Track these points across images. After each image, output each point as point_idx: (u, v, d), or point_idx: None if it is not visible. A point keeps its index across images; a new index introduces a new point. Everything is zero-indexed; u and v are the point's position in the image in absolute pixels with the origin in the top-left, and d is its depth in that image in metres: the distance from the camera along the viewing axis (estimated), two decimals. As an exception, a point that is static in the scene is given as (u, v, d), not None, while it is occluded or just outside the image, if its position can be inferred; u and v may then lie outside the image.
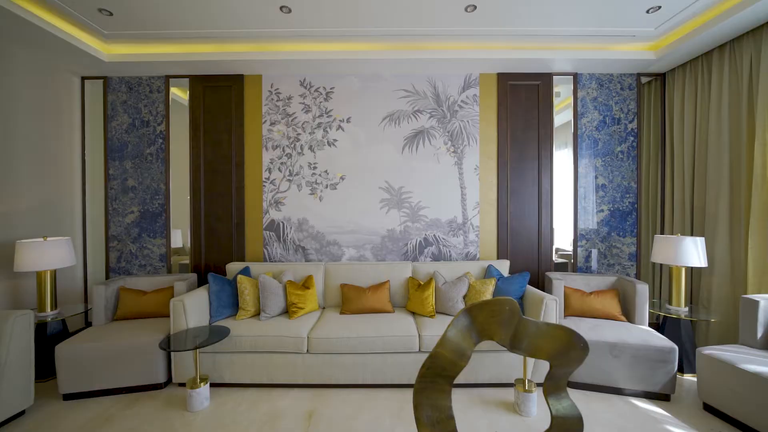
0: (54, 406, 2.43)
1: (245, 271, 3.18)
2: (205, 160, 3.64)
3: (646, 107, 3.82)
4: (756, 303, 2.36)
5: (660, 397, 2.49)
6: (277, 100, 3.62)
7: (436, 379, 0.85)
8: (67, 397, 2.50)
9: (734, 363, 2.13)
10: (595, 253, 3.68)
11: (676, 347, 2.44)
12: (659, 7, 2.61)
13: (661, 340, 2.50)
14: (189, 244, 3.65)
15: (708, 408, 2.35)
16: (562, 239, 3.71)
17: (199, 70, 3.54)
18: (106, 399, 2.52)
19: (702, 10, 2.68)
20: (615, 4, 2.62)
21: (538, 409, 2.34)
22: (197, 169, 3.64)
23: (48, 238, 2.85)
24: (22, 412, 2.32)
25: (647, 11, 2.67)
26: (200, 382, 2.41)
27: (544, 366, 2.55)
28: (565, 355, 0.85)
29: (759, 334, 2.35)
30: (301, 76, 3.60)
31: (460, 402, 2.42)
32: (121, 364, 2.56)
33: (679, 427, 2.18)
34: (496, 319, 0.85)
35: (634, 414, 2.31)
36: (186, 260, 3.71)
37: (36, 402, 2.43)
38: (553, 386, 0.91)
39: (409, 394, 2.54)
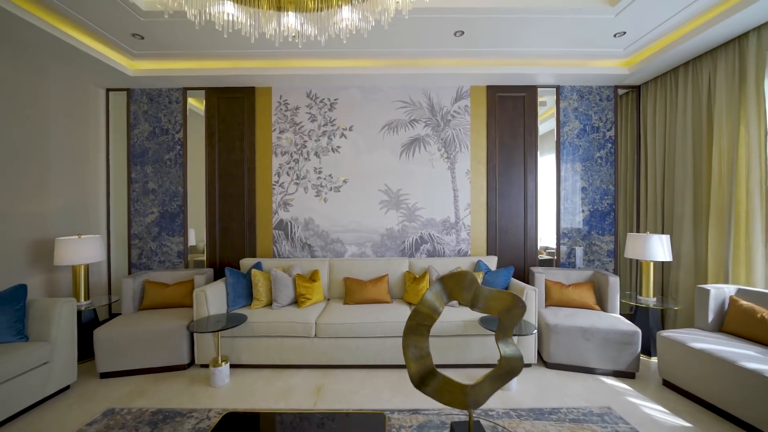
0: (93, 382, 2.77)
1: (258, 266, 3.51)
2: (220, 165, 3.98)
3: (622, 117, 4.17)
4: (707, 291, 2.70)
5: (626, 375, 2.82)
6: (285, 110, 3.96)
7: (418, 327, 1.19)
8: (104, 375, 2.83)
9: (685, 342, 2.47)
10: (577, 250, 4.02)
11: (640, 331, 2.78)
12: (624, 33, 2.96)
13: (627, 325, 2.84)
14: (204, 243, 3.99)
15: (666, 384, 2.68)
16: (547, 238, 4.05)
17: (214, 83, 3.88)
18: (138, 377, 2.85)
19: (663, 34, 3.03)
20: (587, 30, 2.97)
21: (518, 384, 2.68)
22: (212, 173, 3.97)
23: (82, 236, 3.19)
24: (67, 387, 2.65)
25: (614, 35, 3.02)
26: (221, 362, 2.75)
27: (523, 347, 2.89)
28: (509, 312, 1.18)
29: (710, 319, 2.69)
30: (307, 88, 3.94)
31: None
32: (150, 347, 2.90)
33: (635, 398, 2.51)
34: (460, 286, 1.18)
35: (601, 388, 2.65)
36: (199, 257, 4.04)
37: (78, 379, 2.76)
38: (501, 334, 1.23)
39: (404, 373, 2.87)
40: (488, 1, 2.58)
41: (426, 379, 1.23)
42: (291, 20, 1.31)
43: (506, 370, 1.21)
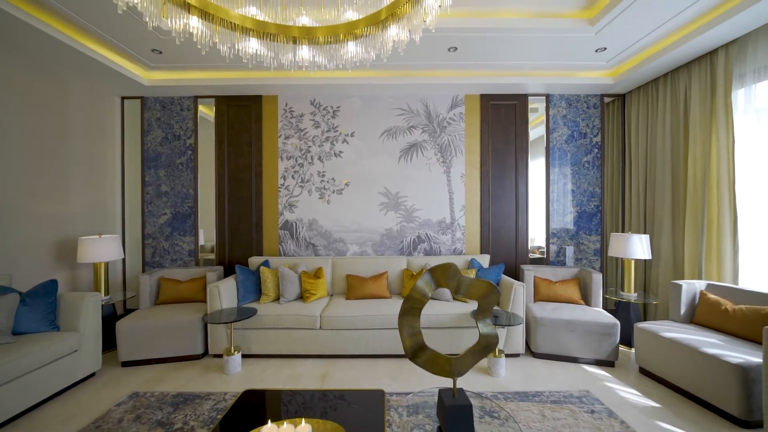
0: (116, 370, 3.00)
1: (265, 264, 3.75)
2: (229, 168, 4.22)
3: (608, 123, 4.42)
4: (680, 287, 2.95)
5: (606, 363, 3.07)
6: (290, 117, 4.20)
7: (411, 309, 1.43)
8: (125, 364, 3.07)
9: (657, 332, 2.71)
10: (567, 249, 4.26)
11: (618, 323, 3.02)
12: (605, 48, 3.21)
13: (607, 318, 3.08)
14: (211, 242, 4.22)
15: (643, 371, 2.92)
16: (539, 238, 4.29)
17: (223, 92, 4.12)
18: (156, 366, 3.09)
19: (642, 49, 3.28)
20: (571, 46, 3.21)
21: (506, 371, 2.92)
22: (221, 177, 4.22)
23: (102, 236, 3.43)
24: (93, 374, 2.89)
25: (596, 50, 3.27)
26: (234, 351, 2.98)
27: (512, 337, 3.13)
28: (487, 297, 1.42)
29: (682, 311, 2.93)
30: (311, 96, 4.19)
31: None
32: (167, 338, 3.13)
33: (612, 383, 2.76)
34: (445, 275, 1.42)
35: (582, 375, 2.89)
36: (208, 256, 4.28)
37: (102, 367, 3.00)
38: (480, 316, 1.47)
39: (402, 362, 3.12)
40: (477, 21, 2.83)
41: (418, 352, 1.47)
42: (305, 53, 1.55)
43: (484, 345, 1.45)
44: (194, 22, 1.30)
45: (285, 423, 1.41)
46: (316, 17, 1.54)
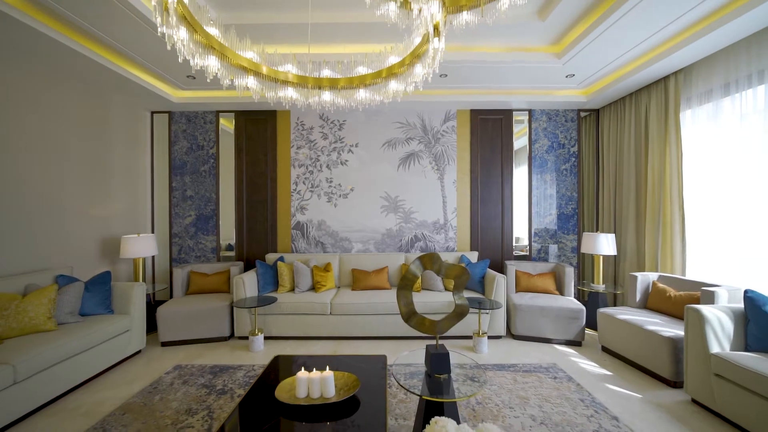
0: (158, 349, 3.53)
1: (281, 259, 4.28)
2: (247, 175, 4.75)
3: (584, 135, 4.95)
4: (636, 277, 3.48)
5: (575, 343, 3.60)
6: (302, 130, 4.74)
7: (406, 286, 1.95)
8: (165, 344, 3.60)
9: (614, 315, 3.25)
10: (550, 247, 4.79)
11: (584, 308, 3.55)
12: (574, 75, 3.75)
13: (575, 304, 3.61)
14: (231, 241, 4.75)
15: (604, 349, 3.45)
16: (524, 237, 4.82)
17: (242, 108, 4.65)
18: (190, 345, 3.62)
19: (606, 74, 3.81)
20: (545, 73, 3.74)
21: (488, 349, 3.45)
22: (240, 183, 4.74)
23: (140, 235, 3.96)
24: (139, 351, 3.42)
25: (566, 76, 3.80)
26: (257, 332, 3.51)
27: (494, 322, 3.66)
28: (460, 277, 1.93)
29: (638, 299, 3.46)
30: (320, 111, 4.72)
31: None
32: (199, 323, 3.66)
33: (577, 358, 3.29)
34: (431, 261, 1.93)
35: (553, 352, 3.42)
36: (226, 254, 4.80)
37: (145, 346, 3.52)
38: (456, 290, 1.99)
39: (401, 343, 3.64)
40: (463, 54, 3.36)
41: (410, 317, 1.99)
42: (327, 96, 2.07)
43: (458, 312, 1.97)
44: (252, 83, 1.83)
45: (314, 369, 1.94)
46: (334, 69, 2.07)
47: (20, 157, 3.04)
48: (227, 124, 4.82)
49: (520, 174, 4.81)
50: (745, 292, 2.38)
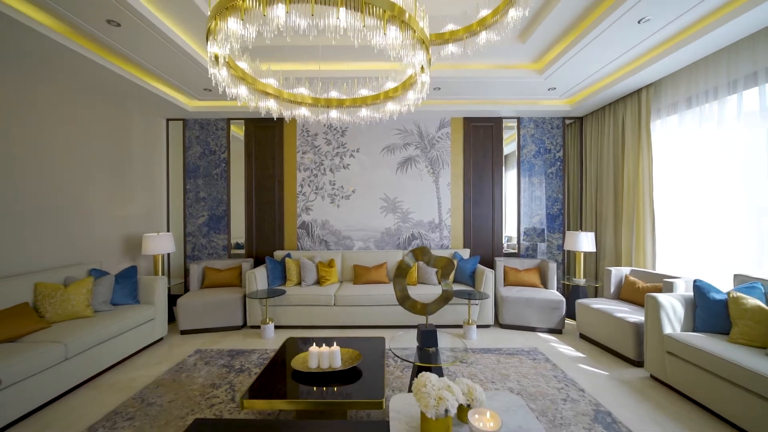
0: (178, 337, 3.90)
1: (288, 256, 4.64)
2: (256, 178, 5.11)
3: (569, 141, 5.32)
4: (610, 271, 3.85)
5: (556, 331, 3.96)
6: (307, 136, 5.10)
7: (400, 274, 2.31)
8: (184, 332, 3.97)
9: (589, 305, 3.61)
10: (539, 245, 5.16)
11: (564, 299, 3.93)
12: (555, 88, 4.12)
13: (557, 296, 3.98)
14: (240, 239, 5.11)
15: (582, 336, 3.81)
16: (513, 236, 5.19)
17: (251, 116, 5.01)
18: (207, 334, 3.98)
19: (585, 87, 4.19)
20: (529, 86, 4.11)
21: (477, 336, 3.82)
22: (250, 185, 5.11)
23: (160, 233, 4.32)
24: (161, 338, 3.78)
25: (548, 89, 4.18)
26: (268, 321, 3.87)
27: (483, 312, 4.03)
28: (446, 266, 2.29)
29: (612, 290, 3.83)
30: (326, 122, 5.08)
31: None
32: (213, 313, 4.02)
33: (556, 343, 3.66)
34: (421, 253, 2.30)
35: (535, 339, 3.79)
36: (236, 251, 5.16)
37: (166, 334, 3.88)
38: (443, 278, 2.35)
39: (397, 332, 4.01)
40: (453, 72, 3.73)
41: (404, 300, 2.36)
42: (334, 114, 2.44)
43: (444, 296, 2.33)
44: (272, 104, 2.19)
45: (323, 345, 2.31)
46: (341, 90, 2.43)
47: (56, 165, 3.41)
48: (237, 131, 5.19)
49: (509, 177, 5.18)
50: (695, 281, 2.75)
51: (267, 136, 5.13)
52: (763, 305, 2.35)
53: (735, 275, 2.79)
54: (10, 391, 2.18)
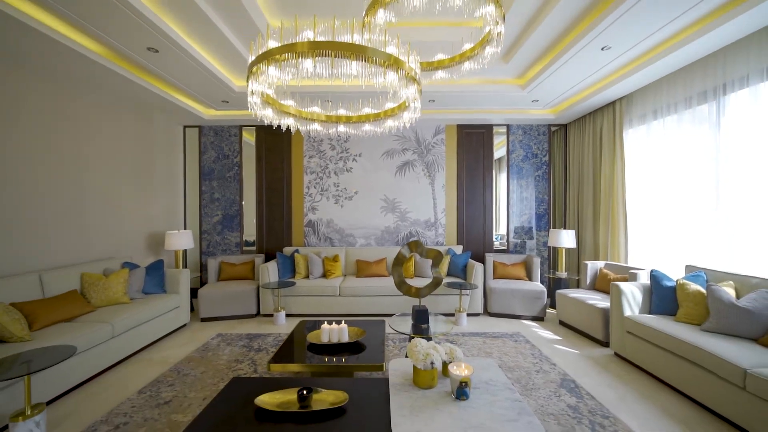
0: (199, 324, 4.34)
1: (296, 252, 5.09)
2: (266, 181, 5.55)
3: (555, 146, 5.77)
4: (587, 265, 4.30)
5: (538, 318, 4.41)
6: (313, 142, 5.54)
7: (398, 262, 2.74)
8: (204, 320, 4.41)
9: (566, 294, 4.06)
10: (528, 243, 5.60)
11: (545, 290, 4.37)
12: (537, 100, 4.57)
13: (539, 287, 4.42)
14: (251, 237, 5.55)
15: (561, 323, 4.26)
16: (503, 234, 5.63)
17: (262, 123, 5.45)
18: (224, 321, 4.43)
19: (566, 98, 4.63)
20: (515, 99, 4.56)
21: (467, 323, 4.26)
22: (260, 187, 5.55)
23: (180, 230, 4.76)
24: (185, 325, 4.22)
25: (532, 101, 4.62)
26: (280, 309, 4.32)
27: (473, 301, 4.48)
28: (437, 256, 2.71)
29: (588, 282, 4.28)
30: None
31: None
32: (230, 302, 4.46)
33: (537, 329, 4.10)
34: (415, 245, 2.72)
35: (519, 325, 4.23)
36: (247, 248, 5.60)
37: (188, 321, 4.33)
38: (434, 267, 2.78)
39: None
40: (446, 87, 4.18)
41: (401, 285, 2.80)
42: (341, 128, 2.88)
43: (435, 282, 2.77)
44: (291, 122, 2.64)
45: (333, 323, 2.75)
46: (347, 108, 2.88)
47: (92, 170, 3.85)
48: (249, 137, 5.63)
49: (500, 180, 5.62)
50: (651, 271, 3.20)
51: (276, 141, 5.57)
52: (702, 290, 2.80)
53: (686, 266, 3.24)
54: (77, 359, 2.62)
